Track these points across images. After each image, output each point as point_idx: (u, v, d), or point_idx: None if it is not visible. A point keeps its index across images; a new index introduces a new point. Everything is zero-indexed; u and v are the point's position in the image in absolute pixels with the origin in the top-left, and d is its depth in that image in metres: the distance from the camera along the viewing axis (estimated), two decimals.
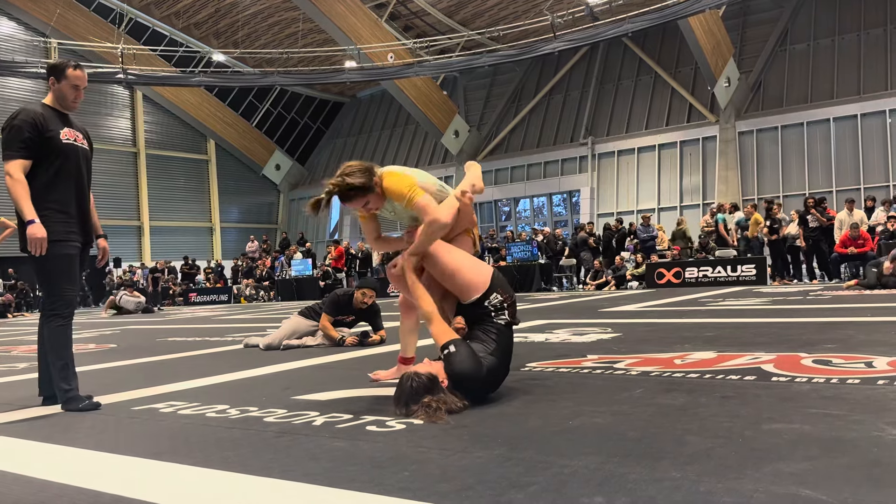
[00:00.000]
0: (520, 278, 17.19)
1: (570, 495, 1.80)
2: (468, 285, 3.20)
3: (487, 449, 2.31)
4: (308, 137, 32.97)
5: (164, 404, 3.53)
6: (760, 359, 3.91)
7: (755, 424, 2.44)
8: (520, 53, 21.92)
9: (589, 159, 24.54)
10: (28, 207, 3.45)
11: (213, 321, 11.80)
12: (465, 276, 3.22)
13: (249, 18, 27.20)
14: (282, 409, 3.20)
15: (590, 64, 25.95)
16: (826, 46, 21.53)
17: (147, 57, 25.23)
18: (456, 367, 2.96)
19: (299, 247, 24.11)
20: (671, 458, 2.07)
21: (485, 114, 28.14)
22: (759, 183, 21.49)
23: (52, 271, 3.55)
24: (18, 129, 3.51)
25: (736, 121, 21.84)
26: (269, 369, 4.78)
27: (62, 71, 3.67)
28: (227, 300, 22.50)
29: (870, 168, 19.83)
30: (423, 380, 2.89)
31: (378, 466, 2.18)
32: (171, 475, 2.25)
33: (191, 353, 6.39)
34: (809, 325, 5.77)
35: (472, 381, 2.99)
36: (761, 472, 1.89)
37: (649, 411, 2.75)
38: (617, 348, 4.80)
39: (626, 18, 19.14)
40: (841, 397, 2.82)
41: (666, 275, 15.75)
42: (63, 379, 3.53)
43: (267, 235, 28.83)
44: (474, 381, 3.00)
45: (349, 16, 22.83)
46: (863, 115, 20.07)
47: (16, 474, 2.36)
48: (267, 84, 26.23)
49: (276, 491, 2.01)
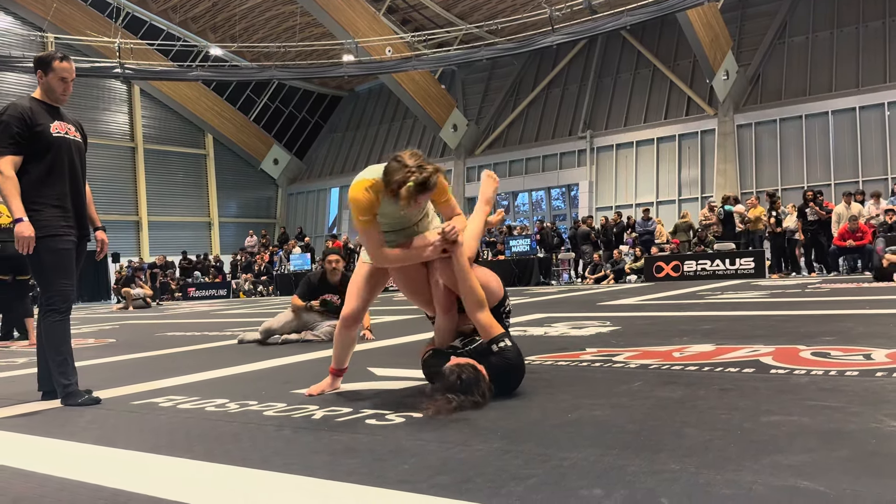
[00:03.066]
0: (518, 272, 17.20)
1: (569, 487, 1.80)
2: (494, 291, 3.28)
3: (487, 442, 2.31)
4: (306, 132, 32.91)
5: (164, 398, 3.53)
6: (759, 351, 3.92)
7: (754, 417, 2.44)
8: (518, 47, 21.89)
9: (587, 153, 24.52)
10: (17, 205, 3.43)
11: (211, 316, 11.80)
12: (493, 283, 3.30)
13: (247, 12, 27.11)
14: (281, 403, 3.21)
15: (588, 57, 25.91)
16: (825, 39, 21.50)
17: (144, 51, 25.15)
18: (513, 361, 3.06)
19: (297, 241, 24.10)
20: (670, 451, 2.08)
21: (483, 107, 28.10)
22: (757, 176, 21.49)
23: (48, 266, 3.53)
24: (6, 124, 3.48)
25: (734, 114, 21.82)
26: (268, 363, 4.79)
27: (48, 63, 3.63)
28: (226, 295, 22.50)
29: (868, 161, 19.83)
30: (472, 372, 2.90)
31: (378, 459, 2.19)
32: (171, 469, 2.25)
33: (190, 347, 6.39)
34: (808, 317, 5.78)
35: (520, 375, 3.13)
36: (760, 464, 1.89)
37: (648, 404, 2.75)
38: (615, 341, 4.80)
39: (624, 11, 19.11)
40: (839, 389, 2.82)
41: (665, 268, 15.76)
42: (62, 374, 3.52)
43: (265, 230, 28.80)
44: (522, 375, 3.13)
45: (347, 9, 22.77)
46: (861, 107, 20.05)
47: (16, 469, 2.36)
48: (265, 78, 26.16)
49: (276, 484, 2.01)
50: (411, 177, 2.93)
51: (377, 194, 3.06)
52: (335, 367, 3.45)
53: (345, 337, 3.42)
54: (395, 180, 2.95)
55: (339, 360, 3.45)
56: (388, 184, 2.99)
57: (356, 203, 3.09)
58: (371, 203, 3.08)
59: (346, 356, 3.46)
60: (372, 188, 3.07)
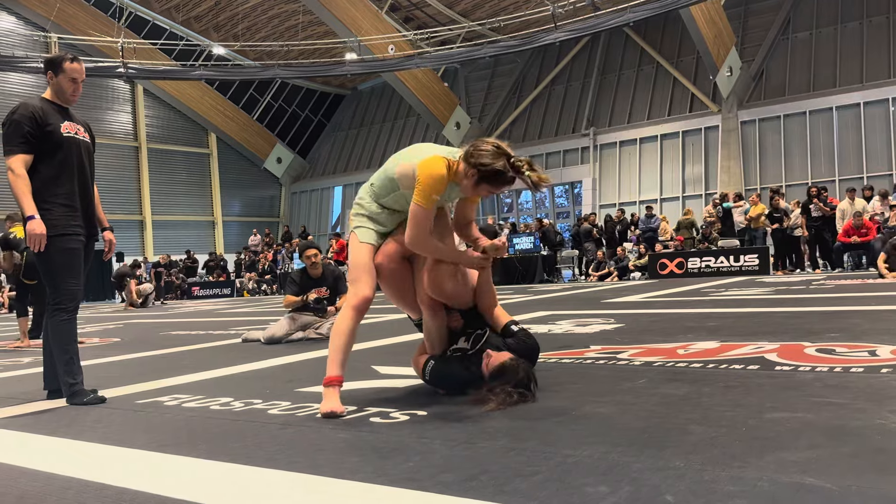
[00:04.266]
0: (522, 270, 17.19)
1: (574, 484, 1.80)
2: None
3: (491, 439, 2.32)
4: (309, 130, 32.93)
5: (169, 397, 3.54)
6: (764, 348, 3.91)
7: (759, 413, 2.44)
8: (521, 44, 21.85)
9: (591, 150, 24.48)
10: (28, 203, 3.45)
11: (215, 315, 11.82)
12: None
13: (249, 11, 27.12)
14: (285, 402, 3.21)
15: (591, 54, 25.85)
16: (828, 34, 21.42)
17: (147, 51, 25.18)
18: (535, 343, 3.17)
19: (302, 240, 24.11)
20: (675, 448, 2.08)
21: (486, 105, 28.06)
22: (761, 172, 21.43)
23: (56, 265, 3.55)
24: (18, 123, 3.52)
25: (738, 110, 21.76)
26: (272, 362, 4.79)
27: (59, 64, 3.66)
28: (230, 294, 22.54)
29: (873, 157, 19.75)
30: (529, 368, 2.97)
31: (382, 457, 2.19)
32: (176, 467, 2.25)
33: (194, 346, 6.40)
34: (813, 314, 5.76)
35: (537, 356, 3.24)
36: (765, 461, 1.89)
37: (652, 401, 2.75)
38: (620, 339, 4.80)
39: (627, 8, 19.06)
40: (844, 386, 2.82)
41: (669, 265, 15.74)
42: (68, 373, 3.54)
43: (269, 229, 28.83)
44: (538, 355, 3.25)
45: (349, 7, 22.76)
46: (865, 103, 19.97)
47: (22, 467, 2.37)
48: (267, 77, 26.17)
49: (281, 482, 2.02)
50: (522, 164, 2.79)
51: (450, 175, 2.89)
52: (340, 372, 2.96)
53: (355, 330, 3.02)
54: (496, 165, 2.78)
55: (343, 363, 2.99)
56: (483, 166, 2.79)
57: (438, 180, 2.83)
58: (445, 183, 2.87)
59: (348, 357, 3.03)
60: (450, 169, 2.88)
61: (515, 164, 2.81)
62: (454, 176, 2.90)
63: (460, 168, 2.90)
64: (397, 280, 3.16)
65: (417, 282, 3.15)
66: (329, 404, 2.85)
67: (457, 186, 2.96)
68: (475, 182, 2.86)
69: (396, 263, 3.13)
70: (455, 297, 3.12)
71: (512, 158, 2.82)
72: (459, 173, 2.90)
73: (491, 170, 2.79)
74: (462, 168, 2.88)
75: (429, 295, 3.09)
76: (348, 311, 3.02)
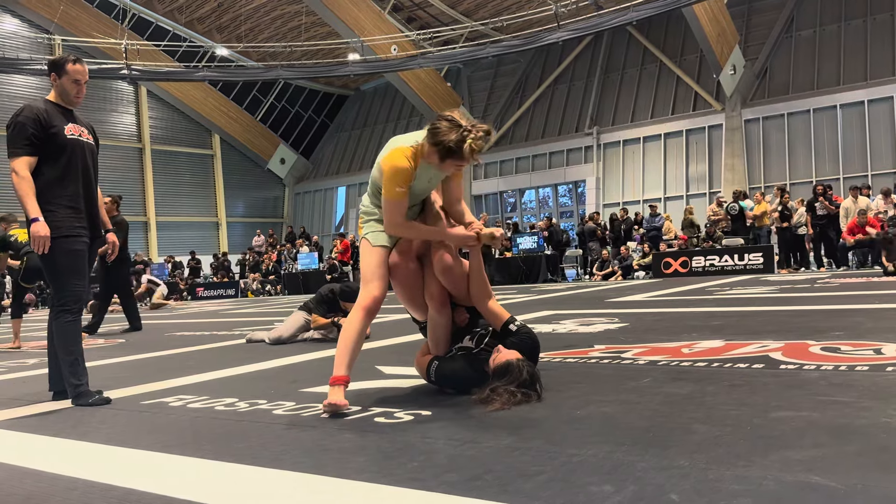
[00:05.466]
0: (526, 269, 17.18)
1: (579, 484, 1.80)
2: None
3: (495, 439, 2.31)
4: (312, 131, 32.98)
5: (174, 398, 3.55)
6: (768, 347, 3.90)
7: (763, 412, 2.43)
8: (523, 44, 21.85)
9: (594, 149, 24.46)
10: (32, 205, 3.46)
11: (220, 315, 11.84)
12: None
13: (252, 12, 27.17)
14: (290, 402, 3.21)
15: (594, 53, 25.84)
16: (832, 32, 21.37)
17: (151, 52, 25.24)
18: (533, 339, 3.14)
19: (305, 241, 24.12)
20: (679, 447, 2.07)
21: (489, 105, 28.07)
22: (765, 171, 21.39)
23: (61, 267, 3.56)
24: (22, 125, 3.53)
25: (742, 108, 21.72)
26: (276, 363, 4.80)
27: (62, 66, 3.66)
28: (234, 294, 22.56)
29: (877, 155, 19.70)
30: (533, 367, 2.97)
31: (387, 457, 2.19)
32: (181, 468, 2.26)
33: (199, 347, 6.41)
34: (817, 312, 5.75)
35: (538, 352, 3.21)
36: (770, 460, 1.89)
37: (657, 400, 2.75)
38: (624, 338, 4.79)
39: (630, 7, 19.05)
40: (849, 384, 2.81)
41: (673, 264, 15.71)
42: (73, 374, 3.55)
43: (273, 229, 28.89)
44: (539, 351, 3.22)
45: (352, 8, 22.78)
46: (870, 101, 19.92)
47: (27, 468, 2.38)
48: (271, 78, 26.23)
49: (286, 482, 2.02)
50: (469, 135, 2.81)
51: (416, 162, 2.93)
52: (346, 372, 2.93)
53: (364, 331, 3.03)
54: (451, 139, 2.80)
55: (350, 363, 2.94)
56: (439, 143, 2.83)
57: (398, 172, 2.90)
58: (411, 173, 2.92)
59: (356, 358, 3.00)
60: (412, 157, 2.92)
61: (463, 134, 2.83)
62: (425, 158, 2.94)
63: (425, 149, 2.94)
64: (410, 279, 3.18)
65: (427, 278, 3.18)
66: (333, 397, 2.86)
67: (431, 167, 2.99)
68: (439, 159, 2.90)
69: (410, 262, 3.17)
70: (460, 278, 3.13)
71: (463, 129, 2.83)
72: (427, 154, 2.94)
73: (444, 147, 2.84)
74: (426, 149, 2.93)
75: (436, 287, 3.11)
76: (359, 311, 3.01)
